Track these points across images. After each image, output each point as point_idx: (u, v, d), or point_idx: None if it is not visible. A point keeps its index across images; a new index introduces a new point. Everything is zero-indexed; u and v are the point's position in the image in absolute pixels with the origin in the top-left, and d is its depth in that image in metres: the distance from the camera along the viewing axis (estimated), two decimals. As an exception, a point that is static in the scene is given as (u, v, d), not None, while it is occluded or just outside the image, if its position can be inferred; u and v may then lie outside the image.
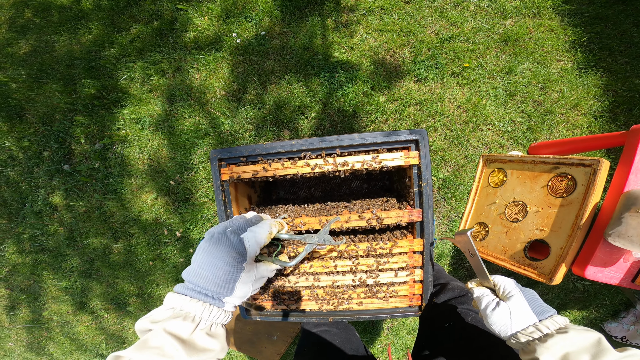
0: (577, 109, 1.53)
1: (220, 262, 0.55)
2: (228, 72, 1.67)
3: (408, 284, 0.89)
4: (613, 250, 0.99)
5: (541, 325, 0.56)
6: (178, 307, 0.52)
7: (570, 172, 1.06)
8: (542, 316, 0.57)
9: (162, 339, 0.48)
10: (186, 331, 0.50)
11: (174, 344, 0.48)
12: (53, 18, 1.90)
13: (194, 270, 0.55)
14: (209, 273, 0.55)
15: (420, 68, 1.57)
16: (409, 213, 0.82)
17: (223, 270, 0.55)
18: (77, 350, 2.11)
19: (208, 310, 0.53)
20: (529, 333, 0.56)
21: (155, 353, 0.46)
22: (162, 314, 0.52)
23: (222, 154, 0.85)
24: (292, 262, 0.68)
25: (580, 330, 0.52)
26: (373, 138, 0.79)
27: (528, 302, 0.60)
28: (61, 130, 1.80)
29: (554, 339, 0.52)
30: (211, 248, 0.56)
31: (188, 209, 1.70)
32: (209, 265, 0.55)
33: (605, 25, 1.53)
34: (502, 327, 0.59)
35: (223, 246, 0.57)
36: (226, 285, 0.55)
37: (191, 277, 0.55)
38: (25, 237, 1.94)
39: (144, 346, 0.47)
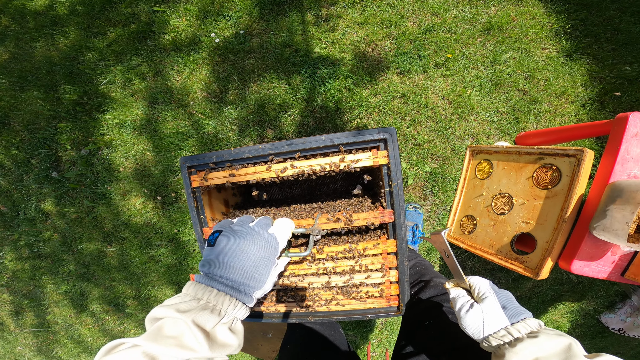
0: (564, 97, 1.50)
1: (256, 256, 0.55)
2: (208, 73, 1.65)
3: (384, 285, 0.88)
4: (600, 243, 0.97)
5: (512, 328, 0.55)
6: (204, 299, 0.51)
7: (554, 163, 1.04)
8: (515, 319, 0.56)
9: (182, 329, 0.46)
10: (211, 324, 0.49)
11: (199, 336, 0.46)
12: (29, 24, 1.87)
13: (223, 263, 0.53)
14: (244, 266, 0.54)
15: (403, 60, 1.54)
16: (380, 214, 0.81)
17: (260, 265, 0.55)
18: (83, 352, 2.16)
19: (233, 305, 0.52)
20: (500, 336, 0.55)
21: (173, 344, 0.44)
22: (188, 304, 0.50)
23: (191, 161, 0.85)
24: (306, 252, 0.71)
25: (551, 335, 0.51)
26: (340, 139, 0.78)
27: (502, 305, 0.59)
28: (47, 138, 1.80)
29: (524, 343, 0.51)
30: (244, 242, 0.55)
31: (177, 212, 1.70)
32: (244, 259, 0.54)
33: (589, 12, 1.49)
34: (475, 329, 0.59)
35: (258, 241, 0.56)
36: (261, 279, 0.55)
37: (219, 270, 0.53)
38: (22, 244, 1.96)
39: (158, 334, 0.45)
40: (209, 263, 0.55)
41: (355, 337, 1.81)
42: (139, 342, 0.43)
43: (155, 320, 0.48)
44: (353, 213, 0.83)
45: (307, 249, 0.71)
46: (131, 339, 0.44)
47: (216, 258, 0.54)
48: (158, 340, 0.44)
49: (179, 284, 1.83)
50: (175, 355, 0.43)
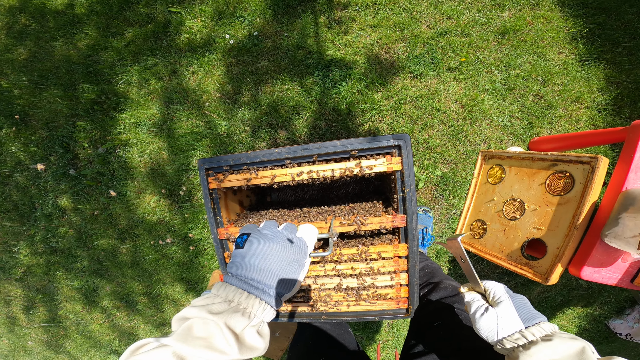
0: (580, 102, 1.48)
1: (287, 260, 0.55)
2: (222, 74, 1.67)
3: (394, 288, 0.89)
4: (611, 250, 0.97)
5: (527, 332, 0.56)
6: (235, 301, 0.51)
7: (568, 170, 1.04)
8: (529, 323, 0.57)
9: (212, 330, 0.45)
10: (240, 327, 0.48)
11: (230, 338, 0.46)
12: (49, 23, 1.92)
13: (253, 266, 0.54)
14: (274, 270, 0.54)
15: (416, 64, 1.54)
16: (392, 219, 0.82)
17: (290, 268, 0.55)
18: (92, 348, 2.20)
19: (262, 308, 0.52)
20: (514, 339, 0.56)
21: (203, 345, 0.44)
22: (221, 306, 0.50)
23: (209, 164, 0.87)
24: (328, 252, 0.72)
25: (565, 339, 0.52)
26: (355, 145, 0.79)
27: (516, 309, 0.60)
28: (65, 136, 1.85)
29: (538, 346, 0.52)
30: (275, 246, 0.55)
31: (189, 210, 1.73)
32: (275, 263, 0.54)
33: (607, 16, 1.47)
34: (489, 332, 0.60)
35: (288, 244, 0.57)
36: (292, 282, 0.56)
37: (249, 272, 0.53)
38: (38, 239, 2.02)
39: (188, 335, 0.44)
40: (239, 265, 0.55)
41: (362, 338, 1.82)
42: (168, 342, 0.43)
43: (184, 320, 0.48)
44: (365, 218, 0.84)
45: (328, 249, 0.72)
46: (159, 339, 0.44)
47: (246, 261, 0.55)
48: (188, 341, 0.43)
49: (190, 282, 1.87)
50: (205, 356, 0.43)
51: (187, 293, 1.89)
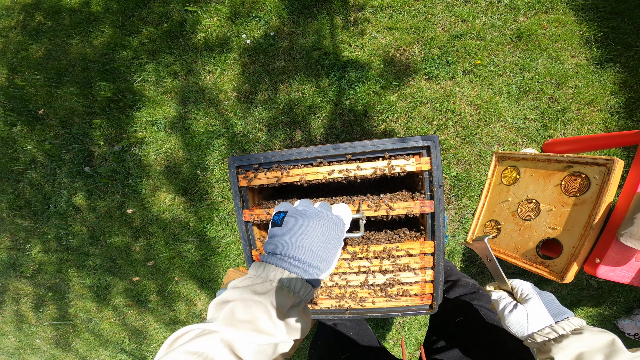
0: (593, 105, 1.51)
1: (326, 236, 0.53)
2: (239, 73, 1.69)
3: (419, 284, 0.92)
4: (625, 249, 1.00)
5: (557, 326, 0.58)
6: (277, 281, 0.49)
7: (584, 171, 1.06)
8: (559, 318, 0.60)
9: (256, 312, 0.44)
10: (285, 307, 0.47)
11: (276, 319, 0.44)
12: (64, 21, 1.93)
13: (292, 244, 0.51)
14: (314, 247, 0.51)
15: (431, 66, 1.56)
16: (420, 204, 0.84)
17: (329, 245, 0.53)
18: (101, 346, 2.21)
19: (305, 287, 0.50)
20: (545, 334, 0.59)
21: (250, 328, 0.42)
22: (264, 286, 0.48)
23: (240, 161, 0.88)
24: (360, 233, 0.71)
25: (594, 332, 0.55)
26: (385, 145, 0.81)
27: (545, 305, 0.63)
28: (80, 133, 1.86)
29: (569, 339, 0.55)
30: (314, 223, 0.53)
31: (204, 209, 1.75)
32: (315, 240, 0.52)
33: (621, 20, 1.49)
34: (520, 328, 0.62)
35: (327, 221, 0.54)
36: (330, 260, 0.54)
37: (289, 250, 0.51)
38: (51, 237, 2.02)
39: (233, 318, 0.42)
40: (277, 243, 0.53)
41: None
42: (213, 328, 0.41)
43: (224, 303, 0.46)
44: (394, 202, 0.86)
45: (360, 231, 0.72)
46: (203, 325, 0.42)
47: (285, 238, 0.52)
48: (234, 324, 0.42)
49: (203, 280, 1.88)
50: (252, 340, 0.41)
51: (200, 291, 1.90)
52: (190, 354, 0.38)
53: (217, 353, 0.38)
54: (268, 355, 0.44)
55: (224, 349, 0.39)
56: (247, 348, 0.41)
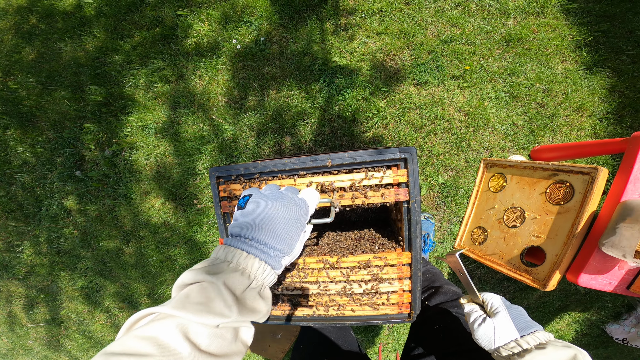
0: (582, 111, 1.50)
1: (287, 218, 0.53)
2: (229, 79, 1.69)
3: (397, 293, 0.92)
4: (607, 258, 1.00)
5: (522, 340, 0.59)
6: (234, 262, 0.49)
7: (568, 180, 1.06)
8: (525, 332, 0.60)
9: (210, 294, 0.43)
10: (240, 288, 0.47)
11: (229, 300, 0.44)
12: (57, 24, 1.94)
13: (254, 225, 0.51)
14: (275, 229, 0.51)
15: (420, 71, 1.56)
16: (395, 192, 0.83)
17: (290, 227, 0.53)
18: (93, 348, 2.22)
19: (262, 269, 0.50)
20: (509, 348, 0.59)
21: (203, 310, 0.41)
22: (219, 267, 0.48)
23: (220, 172, 0.89)
24: (329, 219, 0.68)
25: (558, 347, 0.55)
26: (362, 157, 0.81)
27: (512, 319, 0.63)
28: (72, 137, 1.86)
29: (532, 354, 0.55)
30: (276, 204, 0.53)
31: (194, 214, 1.75)
32: (276, 222, 0.52)
33: (612, 23, 1.49)
34: (487, 341, 0.63)
35: (289, 204, 0.54)
36: (291, 243, 0.53)
37: (250, 232, 0.51)
38: (42, 240, 2.03)
39: (187, 301, 0.42)
40: (239, 226, 0.53)
41: (362, 341, 1.84)
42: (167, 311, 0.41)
43: (183, 286, 0.46)
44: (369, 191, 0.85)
45: (329, 217, 0.69)
46: (157, 308, 0.42)
47: (247, 221, 0.53)
48: (187, 307, 0.41)
49: (194, 283, 1.88)
50: (204, 321, 0.41)
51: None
52: (141, 338, 0.38)
53: (169, 337, 0.39)
54: (227, 340, 0.44)
55: (177, 333, 0.39)
56: (201, 331, 0.41)
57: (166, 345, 0.38)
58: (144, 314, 0.42)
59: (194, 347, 0.40)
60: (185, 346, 0.39)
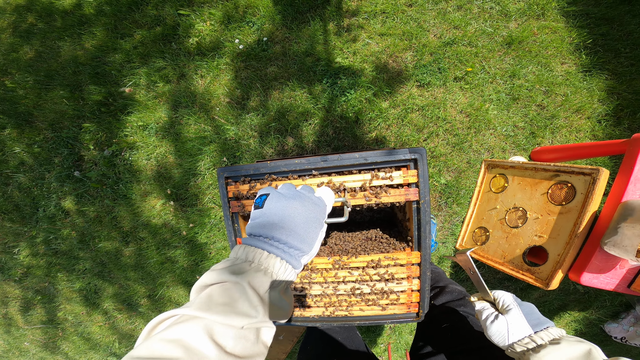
0: (581, 113, 1.53)
1: (307, 217, 0.52)
2: (231, 79, 1.68)
3: (406, 293, 0.93)
4: (609, 257, 1.01)
5: (536, 336, 0.60)
6: (256, 261, 0.48)
7: (570, 180, 1.07)
8: (538, 328, 0.61)
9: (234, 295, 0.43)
10: (264, 288, 0.46)
11: (254, 300, 0.43)
12: (56, 23, 1.91)
13: (273, 225, 0.51)
14: (294, 228, 0.51)
15: (423, 73, 1.57)
16: (405, 192, 0.84)
17: (310, 225, 0.52)
18: (90, 350, 2.19)
19: (284, 268, 0.49)
20: (524, 344, 0.60)
21: (228, 311, 0.41)
22: (242, 267, 0.47)
23: (229, 172, 0.89)
24: (344, 218, 0.67)
25: (572, 342, 0.56)
26: (373, 157, 0.82)
27: (525, 315, 0.64)
28: (70, 137, 1.84)
29: (546, 349, 0.56)
30: (295, 203, 0.52)
31: (196, 214, 1.74)
32: (295, 221, 0.51)
33: (611, 26, 1.51)
34: (500, 338, 0.63)
35: (308, 202, 0.53)
36: (311, 242, 0.53)
37: (269, 231, 0.50)
38: (39, 241, 2.00)
39: (211, 302, 0.41)
40: (258, 225, 0.52)
41: (365, 342, 1.85)
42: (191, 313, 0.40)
43: (204, 287, 0.45)
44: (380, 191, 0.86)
45: (344, 216, 0.68)
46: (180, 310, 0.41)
47: (266, 220, 0.52)
48: (211, 308, 0.40)
49: (194, 284, 1.87)
50: (230, 322, 0.41)
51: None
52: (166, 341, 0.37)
53: (195, 339, 0.38)
54: (250, 341, 0.43)
55: (203, 335, 0.38)
56: (226, 333, 0.40)
57: (192, 348, 0.37)
58: (166, 317, 0.41)
59: (220, 349, 0.39)
60: (211, 348, 0.38)
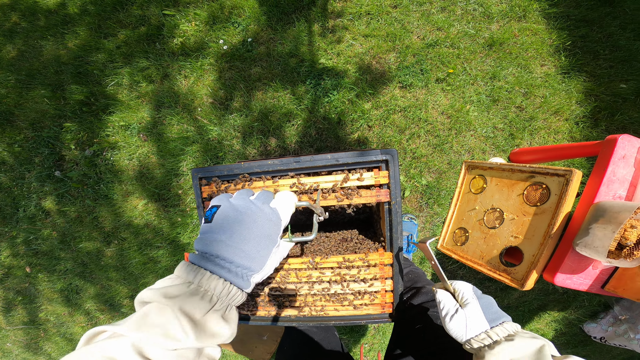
0: (559, 115, 1.55)
1: (257, 234, 0.50)
2: (215, 79, 1.68)
3: (380, 293, 0.93)
4: (582, 258, 1.02)
5: (492, 332, 0.59)
6: (195, 283, 0.46)
7: (544, 182, 1.09)
8: (494, 323, 0.61)
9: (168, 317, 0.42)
10: (200, 312, 0.44)
11: (185, 325, 0.42)
12: (40, 22, 1.89)
13: (220, 242, 0.48)
14: (242, 245, 0.48)
15: (405, 74, 1.58)
16: (376, 193, 0.85)
17: (260, 243, 0.50)
18: (74, 350, 2.16)
19: (227, 290, 0.47)
20: (480, 339, 0.59)
21: (159, 333, 0.40)
22: (178, 289, 0.45)
23: (203, 173, 0.89)
24: (312, 236, 0.64)
25: (525, 338, 0.56)
26: (345, 158, 0.82)
27: (483, 310, 0.63)
28: (51, 137, 1.82)
29: (501, 345, 0.55)
30: (244, 218, 0.50)
31: (178, 215, 1.73)
32: (244, 238, 0.49)
33: (590, 28, 1.54)
34: (459, 333, 0.63)
35: (259, 217, 0.51)
36: (262, 260, 0.50)
37: (215, 249, 0.48)
38: (20, 241, 1.97)
39: (144, 322, 0.41)
40: (205, 241, 0.50)
41: (349, 341, 1.85)
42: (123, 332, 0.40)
43: (142, 304, 0.44)
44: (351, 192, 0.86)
45: (312, 233, 0.64)
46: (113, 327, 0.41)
47: (213, 236, 0.49)
48: (143, 328, 0.40)
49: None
50: (161, 344, 0.40)
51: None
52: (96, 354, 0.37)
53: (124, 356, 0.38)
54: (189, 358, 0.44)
55: (132, 354, 0.38)
56: (160, 353, 0.40)
57: None
58: (100, 330, 0.41)
59: None
60: None
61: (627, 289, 1.00)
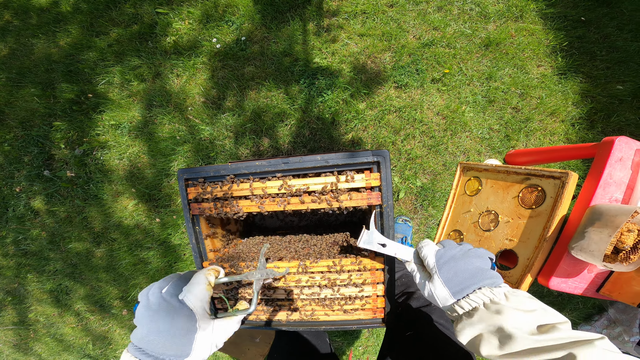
0: (555, 116, 1.54)
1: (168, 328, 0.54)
2: (207, 78, 1.65)
3: (372, 298, 0.91)
4: (577, 262, 1.01)
5: (457, 306, 0.57)
6: None
7: (540, 184, 1.07)
8: (459, 296, 0.58)
9: None
10: None
11: None
12: (32, 20, 1.87)
13: (143, 337, 0.53)
14: (160, 340, 0.53)
15: (401, 74, 1.56)
16: (367, 196, 0.82)
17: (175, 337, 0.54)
18: (64, 351, 2.13)
19: None
20: (451, 314, 0.60)
21: None
22: None
23: (188, 174, 0.86)
24: (252, 308, 0.66)
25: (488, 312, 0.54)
26: (335, 160, 0.80)
27: (446, 282, 0.59)
28: (41, 135, 1.79)
29: (462, 323, 0.55)
30: (155, 315, 0.54)
31: (169, 215, 1.70)
32: (158, 333, 0.53)
33: (587, 29, 1.53)
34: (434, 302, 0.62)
35: (167, 312, 0.55)
36: (184, 348, 0.54)
37: (143, 344, 0.53)
38: (9, 241, 1.94)
39: None
40: (133, 334, 0.55)
41: (342, 344, 1.83)
42: None
43: None
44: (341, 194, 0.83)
45: (251, 305, 0.66)
46: None
47: (139, 330, 0.54)
48: None
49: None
50: None
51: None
52: None
53: None
54: None
55: None
56: None
57: None
58: None
59: None
60: None
61: (622, 293, 0.98)
